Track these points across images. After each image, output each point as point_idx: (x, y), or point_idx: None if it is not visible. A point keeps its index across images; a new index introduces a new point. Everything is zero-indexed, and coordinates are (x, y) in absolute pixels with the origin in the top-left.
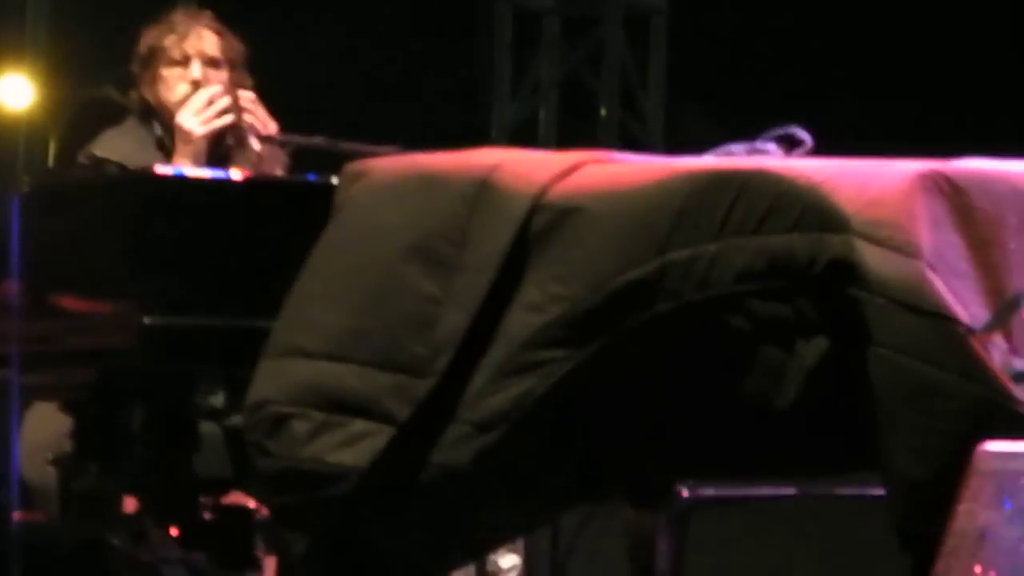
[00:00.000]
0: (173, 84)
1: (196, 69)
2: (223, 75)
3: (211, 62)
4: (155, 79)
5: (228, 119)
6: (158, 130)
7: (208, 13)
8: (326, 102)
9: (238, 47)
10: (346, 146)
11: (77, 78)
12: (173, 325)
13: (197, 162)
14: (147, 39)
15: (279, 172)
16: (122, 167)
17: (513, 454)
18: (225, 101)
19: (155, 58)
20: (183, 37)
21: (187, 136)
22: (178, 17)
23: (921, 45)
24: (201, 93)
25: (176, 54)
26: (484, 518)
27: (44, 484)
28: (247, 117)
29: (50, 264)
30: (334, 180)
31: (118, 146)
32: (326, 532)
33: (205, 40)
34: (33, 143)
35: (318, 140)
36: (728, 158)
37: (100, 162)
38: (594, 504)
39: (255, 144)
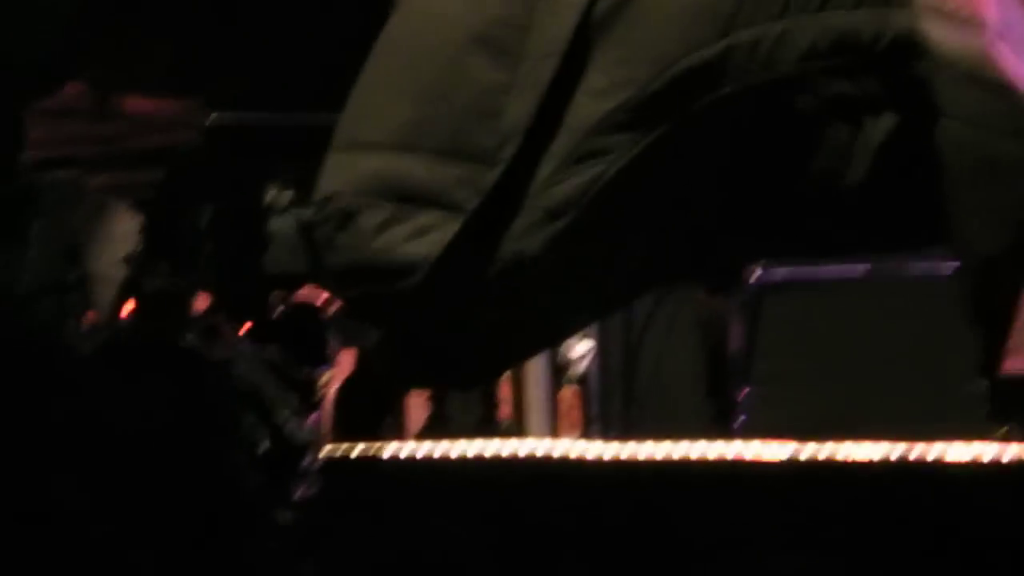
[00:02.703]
0: None
1: None
2: None
3: None
4: None
5: None
6: None
7: None
8: None
9: None
10: None
11: None
12: (238, 122)
13: None
14: None
15: None
16: None
17: (584, 240)
18: None
19: None
20: None
21: None
22: None
23: None
24: None
25: None
26: (557, 305)
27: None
28: None
29: (114, 64)
30: None
31: None
32: (399, 324)
33: None
34: None
35: None
36: None
37: None
38: (666, 288)
39: None
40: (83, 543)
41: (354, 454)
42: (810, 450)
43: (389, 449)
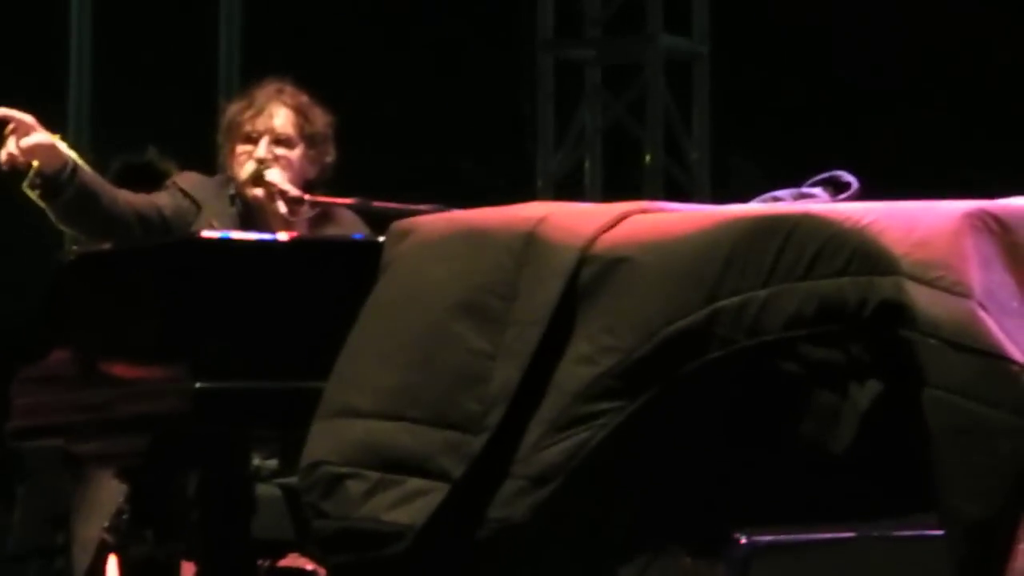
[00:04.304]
0: (243, 161)
1: (263, 148)
2: (295, 153)
3: (282, 140)
4: (230, 153)
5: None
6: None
7: (289, 89)
8: (371, 158)
9: (320, 121)
10: (378, 206)
11: (124, 143)
12: (225, 389)
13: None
14: (227, 113)
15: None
16: (167, 229)
17: (570, 506)
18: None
19: (231, 133)
20: (257, 114)
21: None
22: (257, 92)
23: (961, 86)
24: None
25: (248, 130)
26: (543, 571)
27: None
28: (270, 175)
29: (100, 331)
30: (381, 239)
31: (199, 187)
32: None
33: (277, 117)
34: None
35: (350, 201)
36: (775, 204)
37: (180, 192)
38: (652, 553)
39: (281, 207)
40: None
41: None
42: None
43: None
